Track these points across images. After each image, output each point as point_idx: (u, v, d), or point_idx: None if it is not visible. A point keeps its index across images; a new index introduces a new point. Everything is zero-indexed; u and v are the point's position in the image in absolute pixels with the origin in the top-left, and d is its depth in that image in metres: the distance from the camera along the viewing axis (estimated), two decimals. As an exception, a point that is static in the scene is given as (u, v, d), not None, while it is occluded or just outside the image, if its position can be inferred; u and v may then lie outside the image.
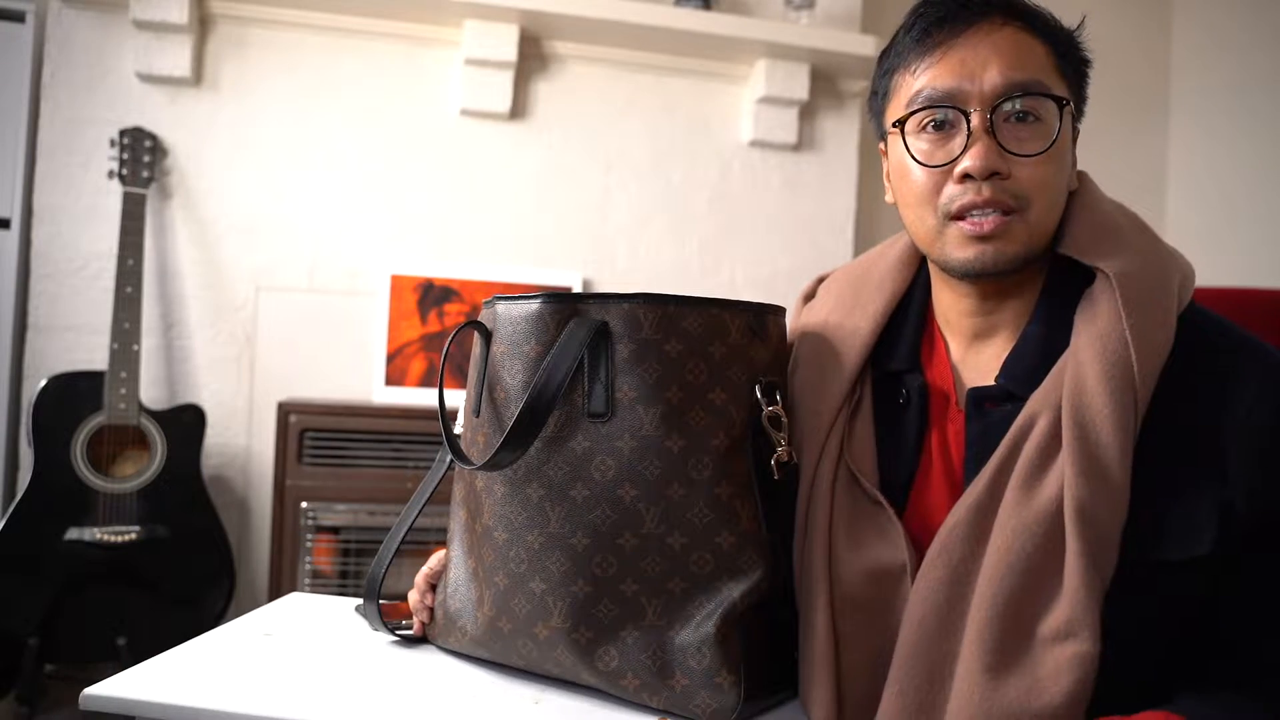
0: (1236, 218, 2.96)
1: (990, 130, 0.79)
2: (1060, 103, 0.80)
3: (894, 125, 0.84)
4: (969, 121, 0.79)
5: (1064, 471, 0.74)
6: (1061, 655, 0.71)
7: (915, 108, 0.82)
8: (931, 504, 0.85)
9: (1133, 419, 0.74)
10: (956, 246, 0.81)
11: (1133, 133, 3.20)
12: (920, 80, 0.82)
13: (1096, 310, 0.78)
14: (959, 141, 0.80)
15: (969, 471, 0.82)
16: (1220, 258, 2.98)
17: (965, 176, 0.79)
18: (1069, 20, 0.87)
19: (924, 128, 0.82)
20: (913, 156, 0.82)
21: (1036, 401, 0.78)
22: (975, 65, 0.80)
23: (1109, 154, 3.11)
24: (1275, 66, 2.86)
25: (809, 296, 1.04)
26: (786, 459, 0.85)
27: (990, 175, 0.79)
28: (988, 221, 0.79)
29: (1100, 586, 0.72)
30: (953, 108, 0.80)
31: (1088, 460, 0.73)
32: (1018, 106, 0.79)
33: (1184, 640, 0.77)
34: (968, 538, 0.77)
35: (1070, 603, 0.72)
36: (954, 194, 0.80)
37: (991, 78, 0.79)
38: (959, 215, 0.80)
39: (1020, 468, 0.77)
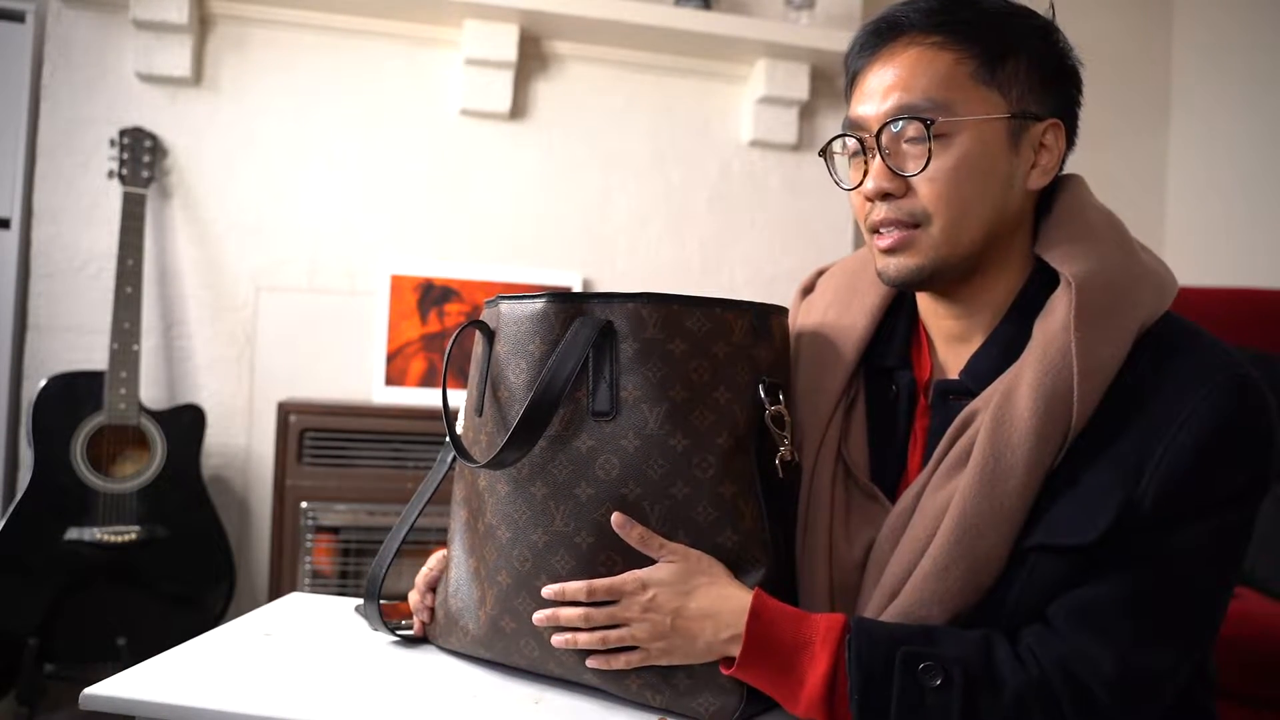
0: (1236, 218, 2.96)
1: (882, 153, 0.83)
2: (926, 123, 0.81)
3: (819, 154, 0.93)
4: (866, 146, 0.85)
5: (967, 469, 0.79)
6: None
7: (835, 135, 0.89)
8: None
9: (1060, 427, 0.76)
10: (877, 258, 0.87)
11: (1133, 133, 3.19)
12: (849, 107, 0.88)
13: (1052, 316, 0.80)
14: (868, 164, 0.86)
15: (926, 459, 0.86)
16: (1220, 258, 2.98)
17: (868, 197, 0.85)
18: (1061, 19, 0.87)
19: (851, 153, 0.89)
20: (839, 179, 0.90)
21: (980, 400, 0.82)
22: (877, 91, 0.84)
23: (1109, 154, 3.11)
24: (1276, 66, 2.86)
25: (808, 290, 1.06)
26: (790, 459, 0.85)
27: (885, 196, 0.84)
28: (889, 237, 0.84)
29: (956, 577, 0.77)
30: (856, 135, 0.86)
31: (990, 460, 0.77)
32: (902, 129, 0.82)
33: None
34: (906, 521, 0.83)
35: (914, 584, 0.79)
36: (867, 210, 0.87)
37: (883, 103, 0.83)
38: (873, 230, 0.86)
39: (949, 459, 0.81)
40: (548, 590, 0.83)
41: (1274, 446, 0.77)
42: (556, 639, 0.83)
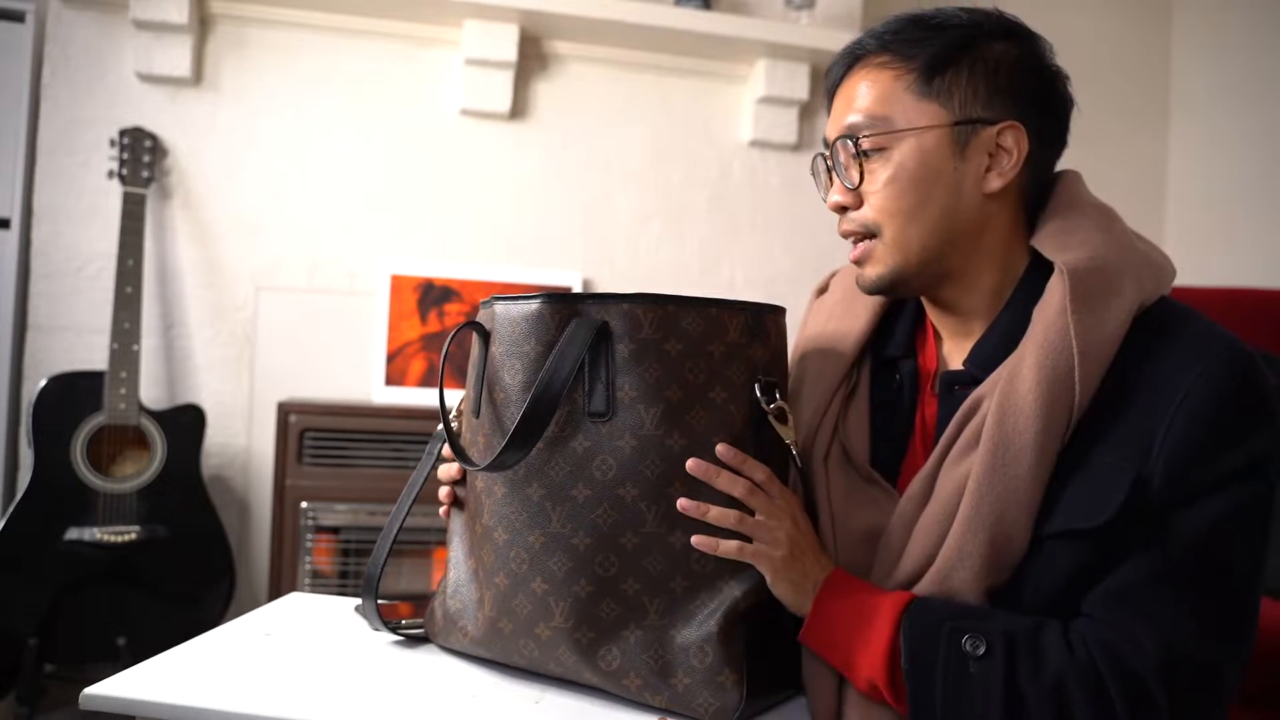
0: (1236, 218, 2.96)
1: (837, 170, 0.89)
2: (854, 140, 0.86)
3: (810, 171, 0.97)
4: (827, 163, 0.91)
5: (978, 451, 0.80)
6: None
7: (816, 154, 0.94)
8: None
9: (1064, 408, 0.78)
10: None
11: (1133, 133, 3.19)
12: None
13: (1049, 302, 0.82)
14: None
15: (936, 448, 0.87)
16: (1220, 258, 2.98)
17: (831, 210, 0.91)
18: (1055, 20, 0.88)
19: (825, 170, 0.93)
20: (823, 195, 0.95)
21: (986, 386, 0.84)
22: (836, 114, 0.91)
23: (1109, 154, 3.11)
24: (1276, 67, 2.86)
25: (822, 290, 1.09)
26: (797, 454, 0.87)
27: (842, 210, 0.90)
28: (854, 249, 0.91)
29: (978, 561, 0.78)
30: (822, 154, 0.93)
31: (1000, 444, 0.79)
32: (845, 147, 0.88)
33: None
34: (918, 506, 0.84)
35: (937, 570, 0.80)
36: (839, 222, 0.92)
37: (838, 124, 0.89)
38: (845, 238, 0.92)
39: (958, 444, 0.83)
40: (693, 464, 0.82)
41: (1274, 413, 0.78)
42: (696, 539, 0.82)
